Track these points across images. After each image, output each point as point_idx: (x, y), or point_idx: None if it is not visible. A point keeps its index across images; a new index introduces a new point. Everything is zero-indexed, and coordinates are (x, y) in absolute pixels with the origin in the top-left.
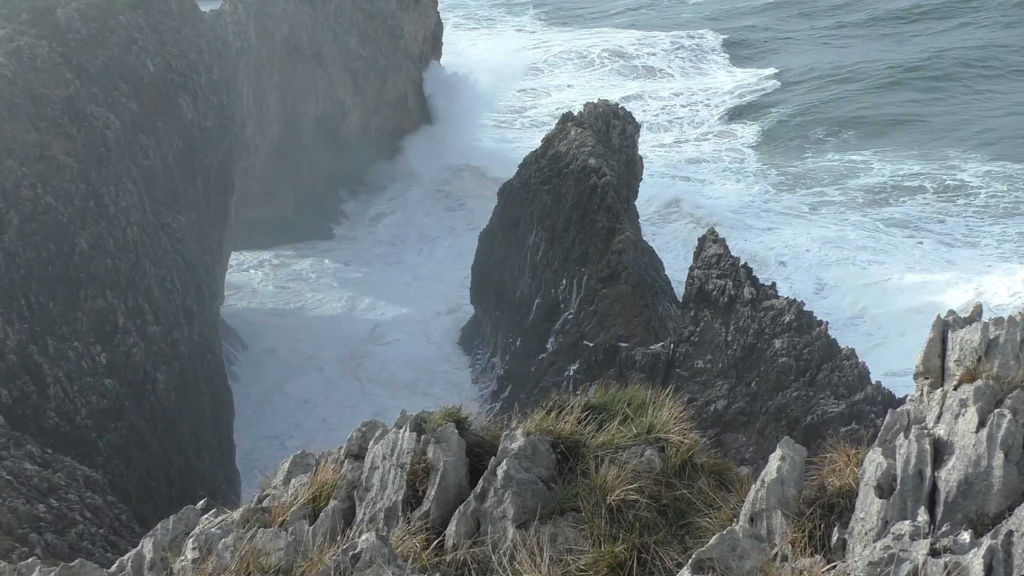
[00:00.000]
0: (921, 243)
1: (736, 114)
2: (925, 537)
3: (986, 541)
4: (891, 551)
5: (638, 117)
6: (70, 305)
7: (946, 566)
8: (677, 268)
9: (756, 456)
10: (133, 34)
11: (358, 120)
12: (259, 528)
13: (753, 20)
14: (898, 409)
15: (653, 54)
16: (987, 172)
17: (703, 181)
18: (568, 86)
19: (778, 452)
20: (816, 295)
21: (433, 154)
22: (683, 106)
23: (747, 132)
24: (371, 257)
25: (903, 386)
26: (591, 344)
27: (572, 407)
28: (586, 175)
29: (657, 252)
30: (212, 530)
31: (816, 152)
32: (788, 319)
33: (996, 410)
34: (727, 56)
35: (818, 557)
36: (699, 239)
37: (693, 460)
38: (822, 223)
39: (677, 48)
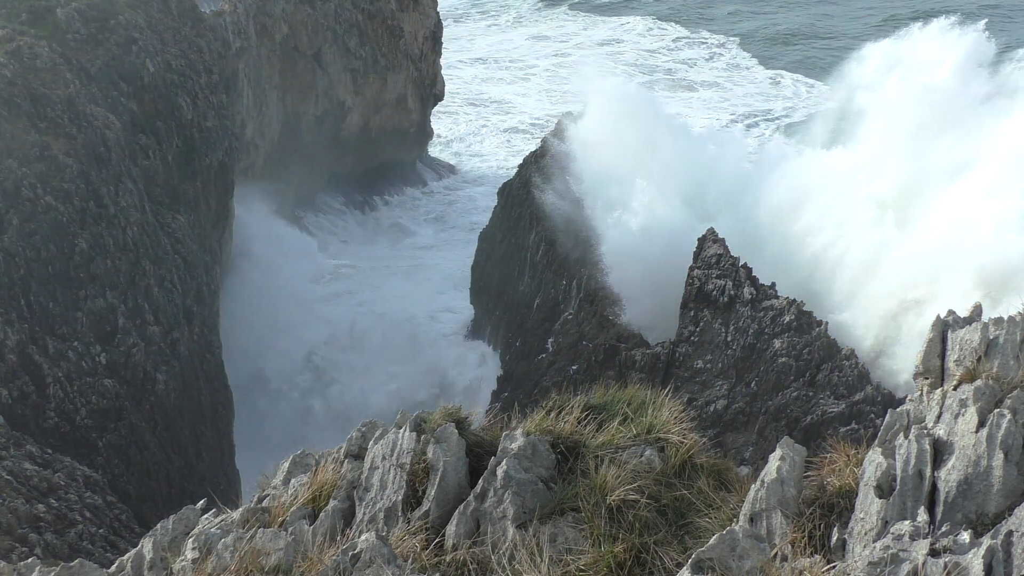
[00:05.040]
0: None
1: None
2: (925, 537)
3: (986, 541)
4: (891, 551)
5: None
6: (70, 305)
7: (946, 566)
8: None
9: (756, 456)
10: (133, 34)
11: (358, 120)
12: (259, 528)
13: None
14: (898, 409)
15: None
16: None
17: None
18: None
19: (778, 452)
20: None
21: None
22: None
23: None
24: (370, 256)
25: (903, 386)
26: (591, 344)
27: (572, 407)
28: None
29: None
30: (212, 530)
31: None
32: (788, 319)
33: (996, 410)
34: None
35: (818, 557)
36: (699, 239)
37: (693, 460)
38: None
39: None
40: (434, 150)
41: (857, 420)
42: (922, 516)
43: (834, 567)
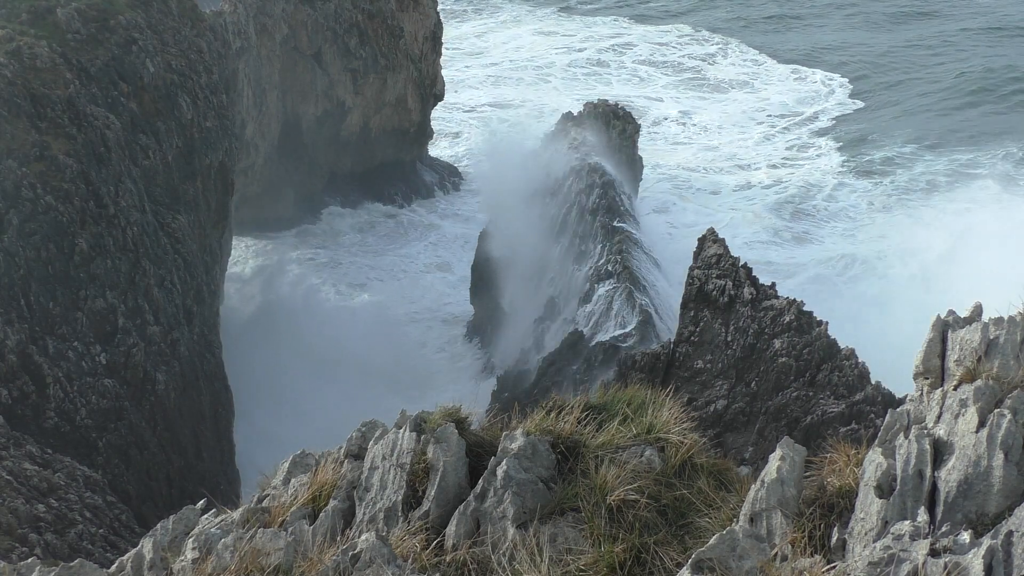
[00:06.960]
0: None
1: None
2: (925, 537)
3: (986, 541)
4: (891, 551)
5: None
6: (70, 305)
7: (946, 566)
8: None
9: (756, 456)
10: (133, 34)
11: (358, 120)
12: (259, 528)
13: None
14: (898, 409)
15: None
16: None
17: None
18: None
19: (778, 452)
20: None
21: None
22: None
23: (825, 144)
24: (370, 255)
25: (903, 386)
26: (591, 344)
27: (572, 407)
28: (586, 174)
29: None
30: (212, 530)
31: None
32: (788, 319)
33: (996, 410)
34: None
35: (818, 557)
36: (699, 239)
37: (693, 460)
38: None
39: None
40: (442, 151)
41: (857, 420)
42: (922, 516)
43: (834, 567)
